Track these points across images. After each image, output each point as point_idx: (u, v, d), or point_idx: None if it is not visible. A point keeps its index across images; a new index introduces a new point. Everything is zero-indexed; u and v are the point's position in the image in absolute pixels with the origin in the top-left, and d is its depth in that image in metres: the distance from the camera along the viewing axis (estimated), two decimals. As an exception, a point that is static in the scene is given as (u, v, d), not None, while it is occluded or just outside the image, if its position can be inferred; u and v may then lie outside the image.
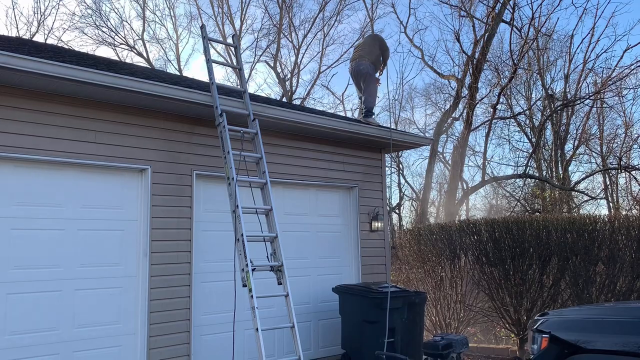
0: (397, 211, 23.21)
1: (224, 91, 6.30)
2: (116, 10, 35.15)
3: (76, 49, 18.61)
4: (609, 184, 21.23)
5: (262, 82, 42.85)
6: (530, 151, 19.13)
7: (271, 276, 5.46)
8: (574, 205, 19.62)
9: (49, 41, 20.98)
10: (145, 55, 23.56)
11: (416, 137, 9.14)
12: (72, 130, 5.35)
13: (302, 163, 7.21)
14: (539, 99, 20.63)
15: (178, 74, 21.50)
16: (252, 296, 4.93)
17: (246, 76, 19.23)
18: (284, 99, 22.31)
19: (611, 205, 20.36)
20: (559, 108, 18.95)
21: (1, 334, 4.88)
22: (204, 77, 13.95)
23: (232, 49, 19.00)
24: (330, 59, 38.14)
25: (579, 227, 7.94)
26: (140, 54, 23.54)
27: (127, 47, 23.43)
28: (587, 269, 7.80)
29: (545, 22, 16.77)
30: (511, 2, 15.33)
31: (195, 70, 35.41)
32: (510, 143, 21.88)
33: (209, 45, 6.51)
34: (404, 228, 20.35)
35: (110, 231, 5.60)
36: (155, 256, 5.72)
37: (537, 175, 19.20)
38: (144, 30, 23.97)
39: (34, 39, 20.55)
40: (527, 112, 20.34)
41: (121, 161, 5.64)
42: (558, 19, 34.73)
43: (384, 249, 8.07)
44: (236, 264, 5.22)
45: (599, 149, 20.98)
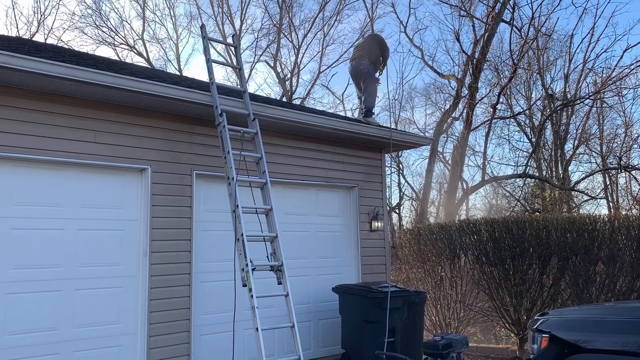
0: (397, 211, 23.23)
1: (224, 91, 6.30)
2: (116, 10, 35.22)
3: (76, 48, 18.63)
4: (608, 183, 21.25)
5: (262, 82, 42.93)
6: (530, 151, 19.13)
7: (271, 276, 5.47)
8: (574, 205, 19.62)
9: (49, 41, 21.01)
10: (145, 55, 23.61)
11: (416, 137, 9.14)
12: (72, 130, 5.35)
13: (302, 163, 7.21)
14: (538, 99, 20.66)
15: (178, 73, 21.50)
16: (252, 296, 4.94)
17: (246, 76, 19.21)
18: (284, 99, 22.30)
19: (611, 205, 20.37)
20: (558, 108, 18.95)
21: (1, 334, 4.88)
22: (204, 77, 13.95)
23: (232, 48, 19.00)
24: (330, 58, 38.26)
25: (578, 227, 7.94)
26: (140, 54, 23.58)
27: (127, 47, 23.48)
28: (587, 269, 7.80)
29: (545, 21, 16.81)
30: (511, 2, 15.34)
31: (195, 70, 35.45)
32: (510, 143, 21.93)
33: (209, 45, 6.51)
34: (404, 228, 20.35)
35: (110, 231, 5.60)
36: (155, 256, 5.72)
37: (537, 175, 19.21)
38: (144, 30, 24.04)
39: (34, 38, 20.56)
40: (527, 112, 20.35)
41: (121, 161, 5.64)
42: (558, 18, 34.75)
43: (384, 249, 8.07)
44: (236, 263, 5.23)
45: (598, 148, 21.01)
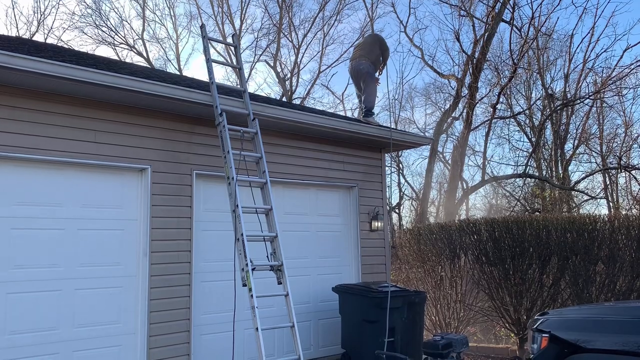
0: (397, 211, 23.23)
1: (223, 91, 6.30)
2: (116, 10, 35.24)
3: (76, 48, 18.67)
4: (608, 183, 21.24)
5: (262, 81, 42.97)
6: (530, 151, 19.12)
7: (271, 276, 5.47)
8: (574, 205, 19.62)
9: (49, 41, 21.00)
10: (145, 54, 23.61)
11: (416, 137, 9.14)
12: (72, 129, 5.34)
13: (302, 163, 7.21)
14: (538, 99, 20.65)
15: (178, 73, 21.49)
16: (252, 296, 4.94)
17: (246, 76, 19.18)
18: (283, 99, 22.30)
19: (611, 204, 20.37)
20: (558, 107, 18.95)
21: (1, 334, 4.87)
22: (203, 77, 13.96)
23: (232, 48, 18.99)
24: (330, 58, 38.26)
25: (578, 227, 7.93)
26: (140, 54, 23.58)
27: (127, 47, 23.48)
28: (587, 269, 7.79)
29: (545, 21, 16.81)
30: (511, 2, 15.33)
31: (195, 69, 35.46)
32: (510, 143, 21.92)
33: (209, 44, 6.51)
34: (404, 228, 20.34)
35: (110, 231, 5.60)
36: (155, 256, 5.72)
37: (537, 174, 19.20)
38: (143, 30, 24.06)
39: (34, 38, 20.55)
40: (527, 111, 20.34)
41: (121, 161, 5.64)
42: (558, 18, 34.83)
43: (383, 249, 8.07)
44: (236, 263, 5.22)
45: (598, 148, 21.00)
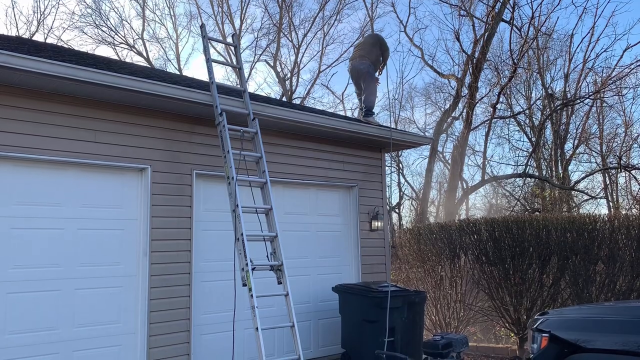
0: (397, 210, 23.22)
1: (223, 90, 6.29)
2: (116, 10, 35.20)
3: (76, 48, 18.65)
4: (608, 183, 21.23)
5: (262, 81, 42.95)
6: (530, 150, 19.12)
7: (271, 275, 5.47)
8: (574, 205, 19.62)
9: (49, 40, 21.00)
10: (145, 54, 23.61)
11: (416, 137, 9.14)
12: (72, 129, 5.34)
13: (302, 162, 7.20)
14: (538, 98, 20.66)
15: (178, 73, 21.49)
16: (252, 295, 4.94)
17: (246, 75, 19.18)
18: (283, 99, 22.30)
19: (611, 204, 20.36)
20: (558, 107, 18.95)
21: (1, 334, 4.87)
22: (203, 77, 13.95)
23: (232, 48, 18.97)
24: (330, 58, 38.19)
25: (578, 227, 7.93)
26: (140, 53, 23.58)
27: (127, 47, 23.48)
28: (587, 268, 7.79)
29: (545, 21, 16.81)
30: (511, 2, 15.33)
31: (195, 69, 35.48)
32: (510, 142, 21.92)
33: (209, 44, 6.51)
34: (404, 227, 20.34)
35: (110, 230, 5.60)
36: (155, 255, 5.72)
37: (537, 174, 19.21)
38: (143, 30, 24.09)
39: (34, 38, 20.56)
40: (527, 111, 20.35)
41: (121, 160, 5.64)
42: (558, 18, 34.90)
43: (383, 249, 8.07)
44: (236, 263, 5.22)
45: (598, 148, 21.01)
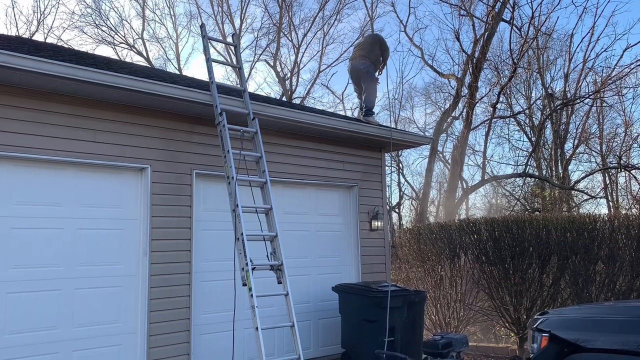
0: (397, 210, 23.23)
1: (223, 90, 6.29)
2: (116, 10, 35.19)
3: (76, 48, 18.64)
4: (608, 183, 21.23)
5: (261, 81, 42.95)
6: (530, 150, 19.12)
7: (271, 275, 5.47)
8: (574, 205, 19.62)
9: (49, 40, 21.01)
10: (145, 54, 23.61)
11: (416, 136, 9.14)
12: (71, 129, 5.34)
13: (302, 162, 7.20)
14: (538, 98, 20.65)
15: (178, 73, 21.50)
16: (252, 295, 4.94)
17: (246, 75, 19.17)
18: (283, 98, 22.29)
19: (611, 204, 20.35)
20: (558, 107, 18.95)
21: (1, 333, 4.87)
22: (203, 76, 13.96)
23: (232, 48, 18.98)
24: (330, 58, 38.15)
25: (578, 226, 7.93)
26: (140, 53, 23.58)
27: (126, 46, 23.48)
28: (586, 268, 7.79)
29: (545, 21, 16.81)
30: (511, 1, 15.32)
31: (195, 69, 35.49)
32: (510, 142, 21.92)
33: (209, 44, 6.51)
34: (404, 227, 20.34)
35: (110, 230, 5.60)
36: (155, 255, 5.71)
37: (537, 174, 19.21)
38: (143, 29, 24.09)
39: (34, 38, 20.55)
40: (527, 111, 20.35)
41: (121, 160, 5.64)
42: (558, 18, 34.91)
43: (383, 248, 8.07)
44: (236, 263, 5.22)
45: (598, 148, 21.01)
